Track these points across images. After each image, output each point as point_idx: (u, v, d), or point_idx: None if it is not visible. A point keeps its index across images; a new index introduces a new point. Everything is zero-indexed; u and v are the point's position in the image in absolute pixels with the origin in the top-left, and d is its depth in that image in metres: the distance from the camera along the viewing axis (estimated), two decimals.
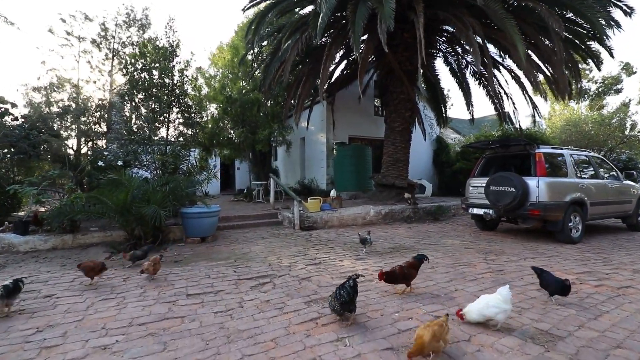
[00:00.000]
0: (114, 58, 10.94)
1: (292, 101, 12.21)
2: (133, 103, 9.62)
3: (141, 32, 11.18)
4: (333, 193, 9.01)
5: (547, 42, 8.23)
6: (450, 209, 9.93)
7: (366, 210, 8.55)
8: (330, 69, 11.91)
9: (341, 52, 12.64)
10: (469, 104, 12.96)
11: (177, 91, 10.86)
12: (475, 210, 7.06)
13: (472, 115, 13.30)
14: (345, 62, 13.18)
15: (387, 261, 4.80)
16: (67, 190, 5.84)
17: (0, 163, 7.59)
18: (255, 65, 11.78)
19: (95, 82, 9.92)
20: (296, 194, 11.67)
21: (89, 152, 7.66)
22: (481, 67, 7.24)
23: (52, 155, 7.23)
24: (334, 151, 12.74)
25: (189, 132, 11.64)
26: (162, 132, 11.02)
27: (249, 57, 13.81)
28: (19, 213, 6.91)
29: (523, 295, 3.43)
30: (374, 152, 13.47)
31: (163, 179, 6.29)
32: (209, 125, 13.53)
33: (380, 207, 8.80)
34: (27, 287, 3.83)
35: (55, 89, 8.97)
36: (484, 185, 6.62)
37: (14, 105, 7.97)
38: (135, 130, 8.35)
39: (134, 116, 8.91)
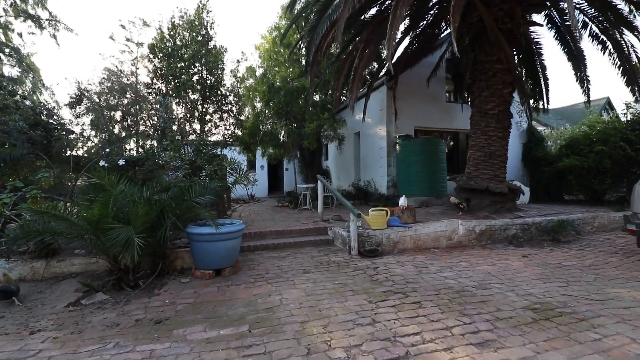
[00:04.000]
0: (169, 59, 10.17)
1: (344, 90, 10.00)
2: (156, 94, 8.25)
3: (194, 34, 10.20)
4: (403, 201, 6.52)
5: None
6: (574, 224, 6.83)
7: (452, 226, 5.96)
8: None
9: (405, 24, 10.16)
10: (583, 78, 9.55)
11: (211, 80, 9.35)
12: None
13: (588, 96, 9.88)
14: (409, 37, 10.59)
15: (543, 353, 2.32)
16: (31, 201, 4.28)
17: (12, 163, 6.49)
18: (299, 36, 9.70)
19: (152, 84, 9.17)
20: (350, 198, 9.37)
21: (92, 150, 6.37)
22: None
23: (50, 153, 5.89)
24: (397, 146, 10.20)
25: (225, 128, 10.08)
26: (197, 127, 9.63)
27: (294, 40, 11.97)
28: None
29: None
30: (447, 147, 10.67)
31: (162, 184, 4.48)
32: (250, 119, 11.89)
33: (474, 222, 6.12)
34: None
35: (115, 92, 8.43)
36: None
37: (24, 97, 6.92)
38: (154, 125, 6.79)
39: (151, 107, 7.44)
